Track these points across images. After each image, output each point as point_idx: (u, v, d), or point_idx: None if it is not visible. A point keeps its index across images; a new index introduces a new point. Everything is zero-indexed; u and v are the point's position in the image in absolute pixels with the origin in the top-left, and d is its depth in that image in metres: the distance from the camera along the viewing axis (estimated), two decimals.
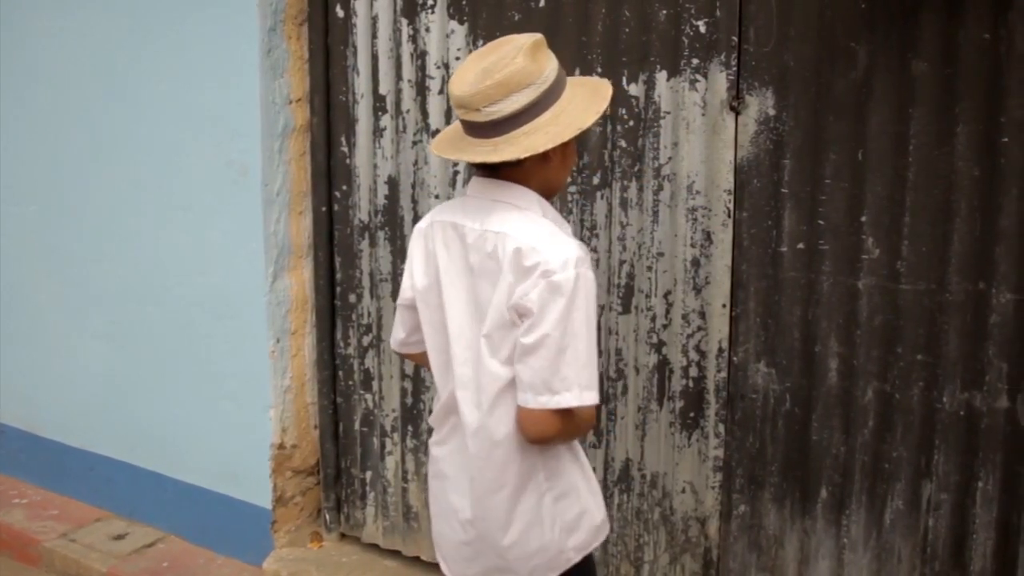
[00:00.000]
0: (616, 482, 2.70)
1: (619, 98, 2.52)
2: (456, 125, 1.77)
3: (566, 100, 1.67)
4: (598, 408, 2.63)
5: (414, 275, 1.83)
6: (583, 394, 1.61)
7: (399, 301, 1.91)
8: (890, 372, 2.29)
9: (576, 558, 1.79)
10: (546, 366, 1.60)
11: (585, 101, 1.69)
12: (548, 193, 1.76)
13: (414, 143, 2.90)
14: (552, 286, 1.59)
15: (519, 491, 1.73)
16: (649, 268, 2.56)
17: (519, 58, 1.61)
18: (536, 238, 1.63)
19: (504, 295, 1.64)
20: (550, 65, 1.66)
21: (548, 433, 1.65)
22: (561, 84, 1.69)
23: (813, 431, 2.40)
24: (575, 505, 1.78)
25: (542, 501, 1.75)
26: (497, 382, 1.68)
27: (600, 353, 2.65)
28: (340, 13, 2.98)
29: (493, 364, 1.68)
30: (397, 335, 1.96)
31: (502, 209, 1.69)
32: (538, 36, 1.67)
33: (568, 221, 2.62)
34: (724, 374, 2.50)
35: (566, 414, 1.64)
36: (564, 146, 1.69)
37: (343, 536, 3.31)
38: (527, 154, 1.62)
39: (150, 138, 3.30)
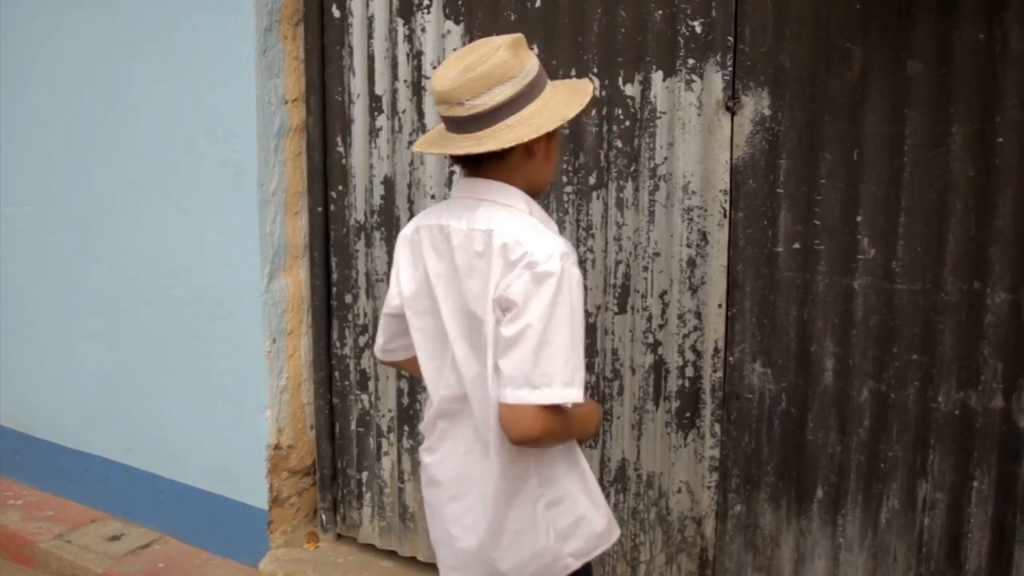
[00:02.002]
0: (612, 482, 2.70)
1: (615, 98, 2.52)
2: (440, 126, 1.76)
3: (548, 95, 1.68)
4: None
5: (401, 282, 1.81)
6: (565, 391, 1.56)
7: (384, 310, 1.88)
8: (886, 372, 2.29)
9: (575, 564, 1.77)
10: (526, 358, 1.56)
11: (567, 96, 1.69)
12: (534, 190, 1.74)
13: (410, 143, 2.90)
14: (536, 277, 1.57)
15: (511, 498, 1.71)
16: (645, 268, 2.56)
17: (501, 52, 1.62)
18: (521, 232, 1.62)
19: (491, 290, 1.63)
20: (531, 61, 1.67)
21: (532, 432, 1.58)
22: (543, 80, 1.69)
23: (809, 431, 2.41)
24: (570, 512, 1.75)
25: (535, 508, 1.72)
26: (494, 385, 1.65)
27: (596, 353, 2.65)
28: (336, 13, 2.97)
29: (490, 368, 1.65)
30: (378, 341, 1.95)
31: (487, 207, 1.68)
32: (518, 35, 1.68)
33: (564, 221, 2.63)
34: (720, 374, 2.50)
35: (554, 413, 1.59)
36: (548, 141, 1.69)
37: (339, 536, 3.31)
38: (512, 144, 1.61)
39: (146, 138, 3.30)
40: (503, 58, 1.61)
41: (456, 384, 1.74)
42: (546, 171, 1.76)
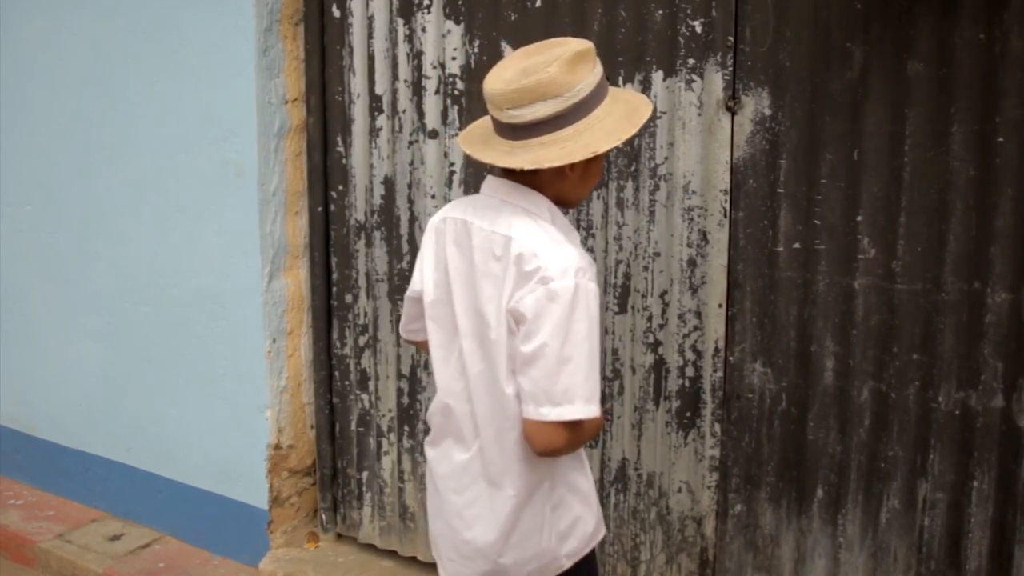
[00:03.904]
0: (613, 482, 2.70)
1: None
2: (488, 119, 1.74)
3: (595, 118, 1.63)
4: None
5: (424, 269, 1.82)
6: (587, 407, 1.59)
7: (408, 291, 1.91)
8: (886, 371, 2.29)
9: (567, 564, 1.79)
10: (546, 376, 1.57)
11: (616, 122, 1.64)
12: (562, 204, 1.73)
13: (410, 143, 2.90)
14: (549, 293, 1.57)
15: (524, 503, 1.72)
16: (645, 268, 2.56)
17: (553, 67, 1.58)
18: (538, 243, 1.61)
19: (505, 300, 1.63)
20: (587, 79, 1.61)
21: (556, 445, 1.62)
22: (597, 98, 1.64)
23: (809, 431, 2.41)
24: (569, 514, 1.78)
25: (544, 509, 1.75)
26: (505, 387, 1.67)
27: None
28: (336, 13, 2.97)
29: (500, 371, 1.66)
30: (402, 320, 1.97)
31: (511, 211, 1.68)
32: (586, 45, 1.63)
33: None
34: (720, 374, 2.50)
35: (573, 426, 1.61)
36: (586, 164, 1.66)
37: (340, 536, 3.31)
38: (534, 166, 1.60)
39: (146, 138, 3.30)
40: (553, 74, 1.57)
41: (459, 377, 1.76)
42: (579, 191, 1.74)
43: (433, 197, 2.87)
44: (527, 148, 1.62)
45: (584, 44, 1.63)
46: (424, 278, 1.82)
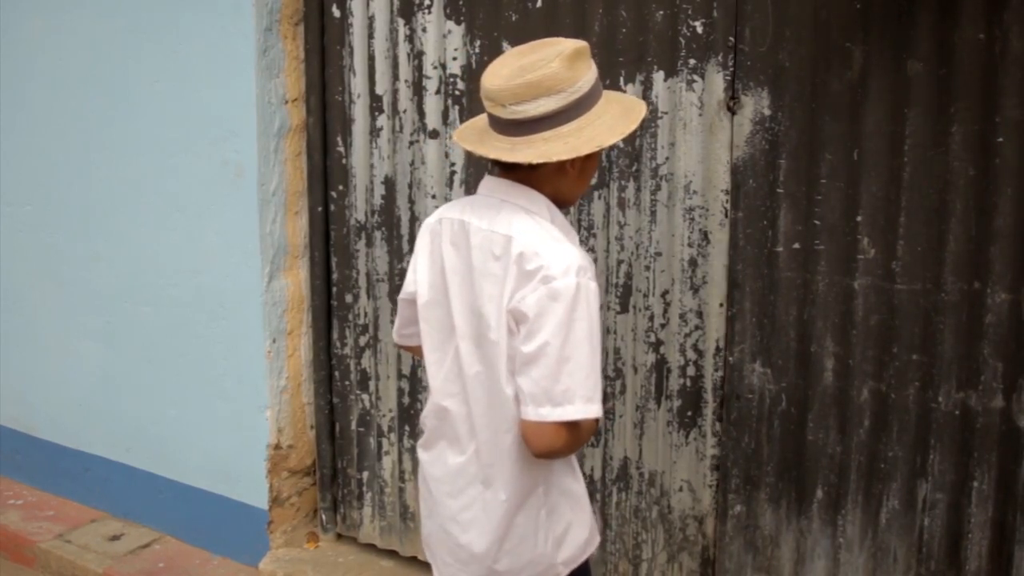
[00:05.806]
0: (614, 480, 2.70)
1: None
2: (483, 117, 1.74)
3: (595, 114, 1.64)
4: None
5: (418, 271, 1.81)
6: (587, 407, 1.57)
7: (401, 294, 1.90)
8: (886, 372, 2.30)
9: (564, 572, 1.78)
10: (547, 375, 1.56)
11: (614, 119, 1.66)
12: (560, 203, 1.73)
13: (411, 143, 2.90)
14: (551, 292, 1.56)
15: (518, 507, 1.71)
16: (647, 268, 2.56)
17: (555, 63, 1.58)
18: (539, 242, 1.60)
19: (506, 300, 1.62)
20: (586, 76, 1.63)
21: (555, 447, 1.60)
22: (594, 96, 1.65)
23: (809, 431, 2.41)
24: (562, 520, 1.77)
25: (539, 515, 1.73)
26: (504, 388, 1.66)
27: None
28: (336, 13, 2.97)
29: (500, 373, 1.66)
30: (395, 324, 1.96)
31: (510, 210, 1.67)
32: (582, 43, 1.64)
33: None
34: (721, 373, 2.51)
35: (572, 427, 1.60)
36: (584, 160, 1.67)
37: (340, 536, 3.31)
38: (541, 160, 1.60)
39: (146, 138, 3.30)
40: (555, 69, 1.58)
41: (455, 379, 1.75)
42: (577, 188, 1.74)
43: (434, 197, 2.87)
44: (530, 144, 1.62)
45: (580, 43, 1.64)
46: (418, 279, 1.80)
